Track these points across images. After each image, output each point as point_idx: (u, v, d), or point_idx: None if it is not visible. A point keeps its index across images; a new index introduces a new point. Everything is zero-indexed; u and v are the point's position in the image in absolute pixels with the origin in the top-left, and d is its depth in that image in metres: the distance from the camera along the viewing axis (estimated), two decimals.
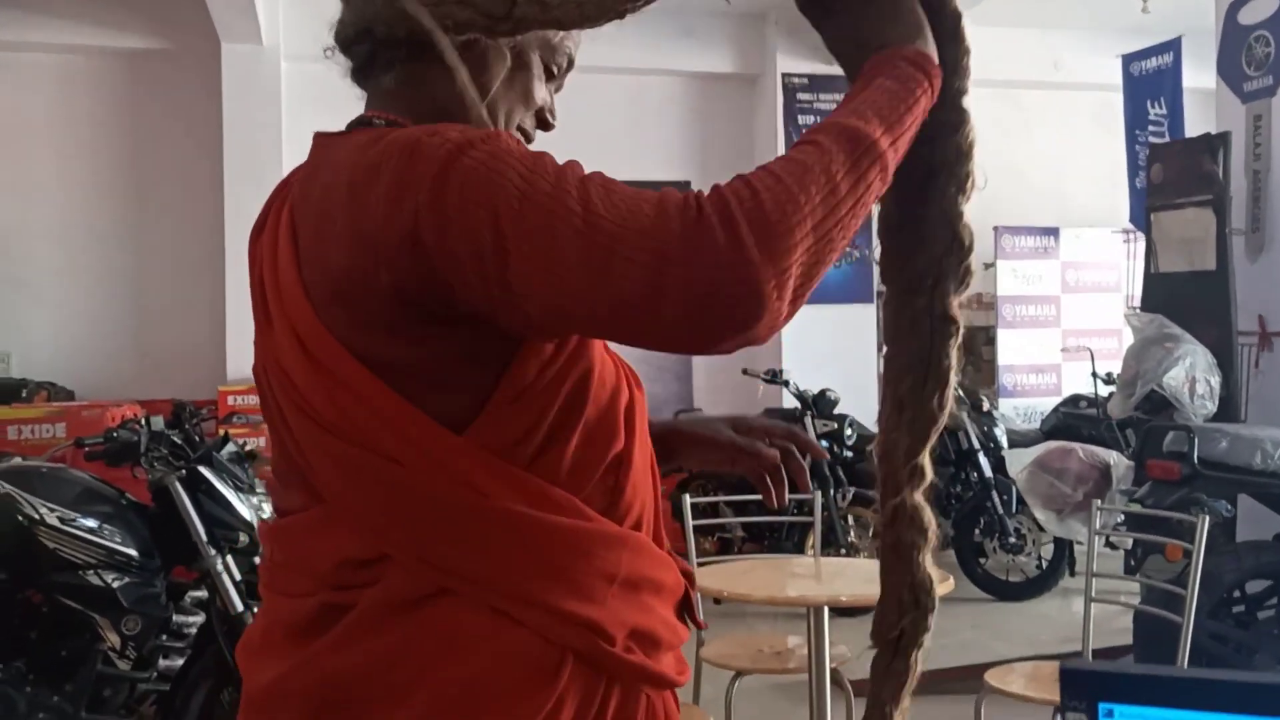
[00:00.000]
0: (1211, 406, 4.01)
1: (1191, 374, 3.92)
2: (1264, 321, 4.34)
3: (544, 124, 1.19)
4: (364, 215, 0.97)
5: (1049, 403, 7.91)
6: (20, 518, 3.04)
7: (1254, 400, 4.29)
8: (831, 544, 5.96)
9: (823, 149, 0.92)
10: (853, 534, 6.12)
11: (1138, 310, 4.50)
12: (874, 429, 5.11)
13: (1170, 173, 4.44)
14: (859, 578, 3.15)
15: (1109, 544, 3.56)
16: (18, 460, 3.61)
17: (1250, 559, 3.54)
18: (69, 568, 3.07)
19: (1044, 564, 6.15)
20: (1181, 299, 4.29)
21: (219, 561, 3.23)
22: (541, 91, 1.17)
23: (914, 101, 0.98)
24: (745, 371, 6.67)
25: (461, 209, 0.92)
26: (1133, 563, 3.71)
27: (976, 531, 6.32)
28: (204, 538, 3.23)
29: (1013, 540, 6.18)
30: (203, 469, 3.28)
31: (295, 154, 6.79)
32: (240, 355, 6.98)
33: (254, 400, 6.71)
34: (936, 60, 1.01)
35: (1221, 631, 3.41)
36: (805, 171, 0.90)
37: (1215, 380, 4.02)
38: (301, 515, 1.09)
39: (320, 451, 1.04)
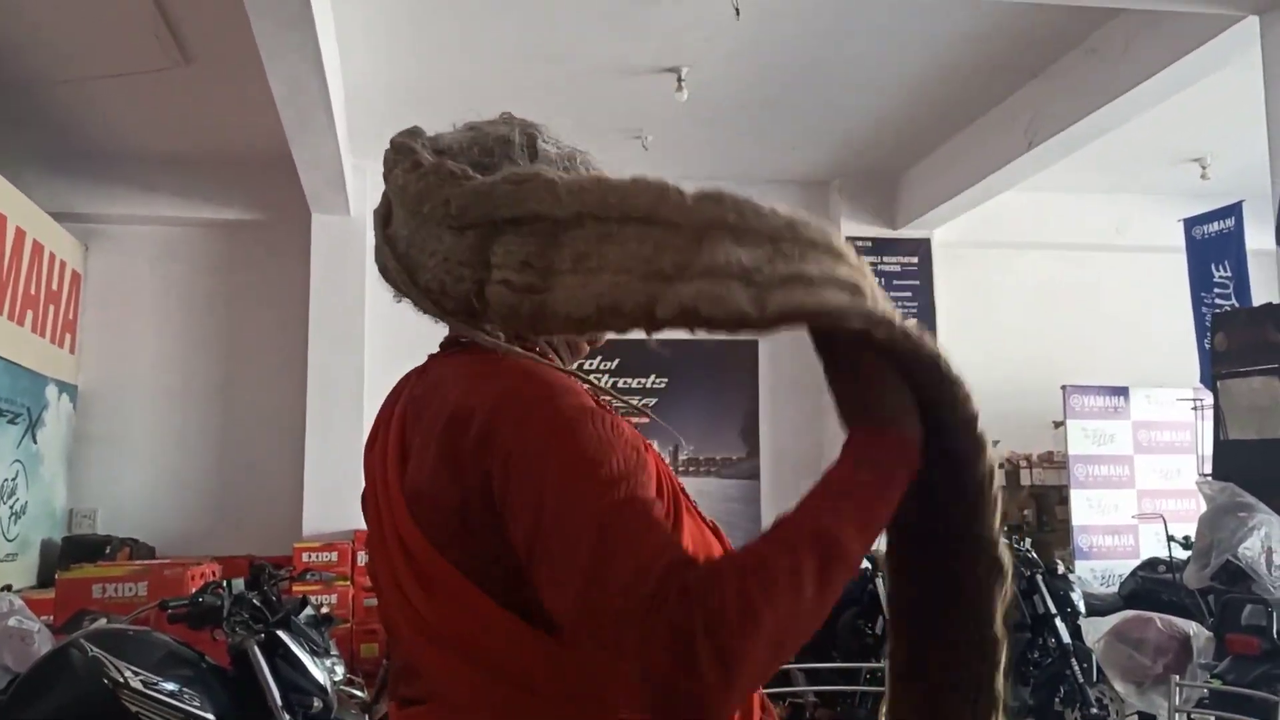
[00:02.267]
0: None
1: (1268, 544, 3.86)
2: None
3: None
4: (455, 451, 1.08)
5: (1126, 565, 7.72)
6: (106, 680, 3.13)
7: None
8: None
9: (797, 561, 0.93)
10: None
11: (1209, 478, 4.45)
12: None
13: (1234, 341, 4.46)
14: None
15: None
16: (103, 622, 3.72)
17: None
18: None
19: None
20: (1254, 466, 4.25)
21: None
22: None
23: (892, 495, 1.04)
24: None
25: (519, 486, 1.03)
26: None
27: (1056, 701, 6.11)
28: (279, 703, 3.29)
29: (1094, 711, 5.95)
30: (281, 633, 3.37)
31: (377, 319, 7.07)
32: (315, 514, 7.13)
33: (328, 557, 6.82)
34: (916, 440, 1.07)
35: None
36: (774, 588, 0.91)
37: None
38: (424, 710, 1.15)
39: (440, 669, 1.12)
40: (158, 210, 7.53)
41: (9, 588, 5.94)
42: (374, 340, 7.22)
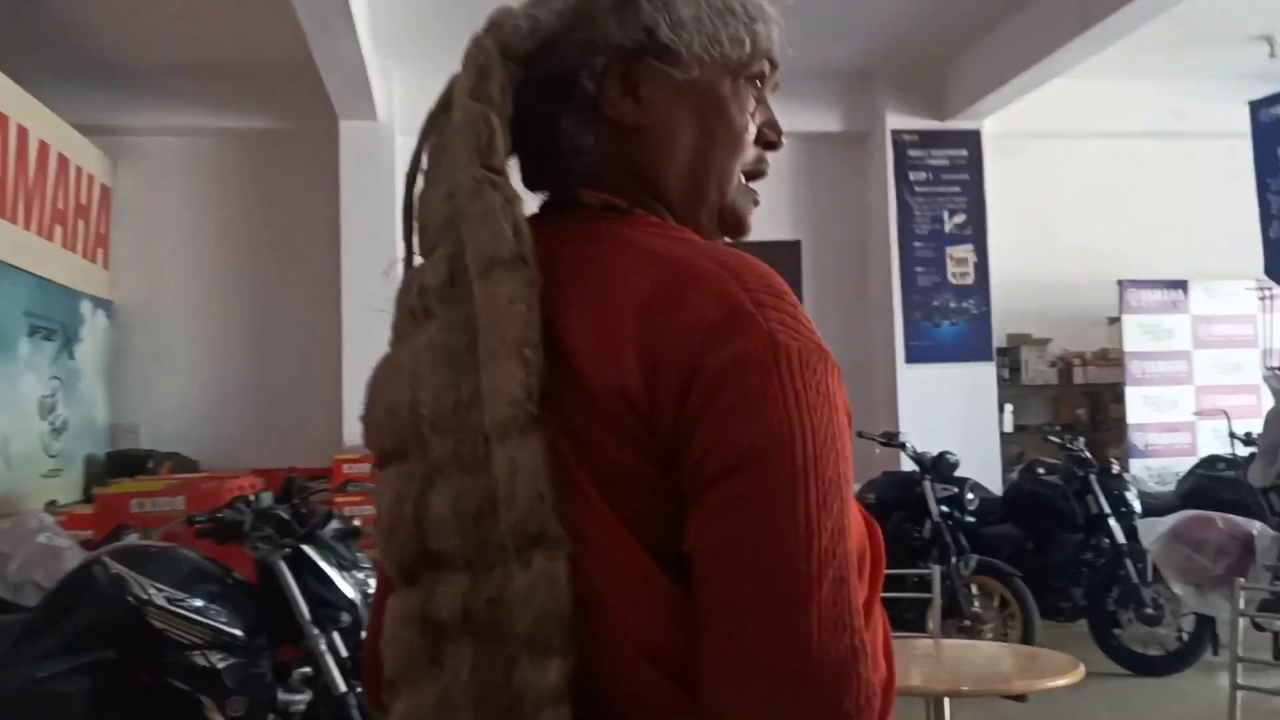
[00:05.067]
0: None
1: None
2: None
3: (771, 145, 1.09)
4: (658, 336, 0.86)
5: (1183, 463, 7.51)
6: (130, 598, 3.07)
7: None
8: (955, 614, 5.71)
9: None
10: (977, 604, 5.86)
11: (1277, 371, 4.22)
12: (997, 492, 4.98)
13: None
14: (982, 661, 2.97)
15: (1255, 625, 3.30)
16: (131, 539, 3.67)
17: None
18: (176, 648, 3.08)
19: (1185, 636, 5.77)
20: None
21: (322, 641, 3.22)
22: (749, 118, 1.05)
23: None
24: (860, 434, 6.49)
25: (739, 432, 0.83)
26: None
27: (1110, 601, 5.98)
28: (308, 617, 3.22)
29: (1150, 611, 5.82)
30: (306, 548, 3.29)
31: None
32: (355, 425, 6.98)
33: (368, 468, 6.76)
34: None
35: None
36: None
37: None
38: None
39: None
40: (184, 121, 7.39)
41: (54, 503, 5.98)
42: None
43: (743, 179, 1.06)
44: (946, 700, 2.56)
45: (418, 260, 1.03)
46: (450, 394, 0.89)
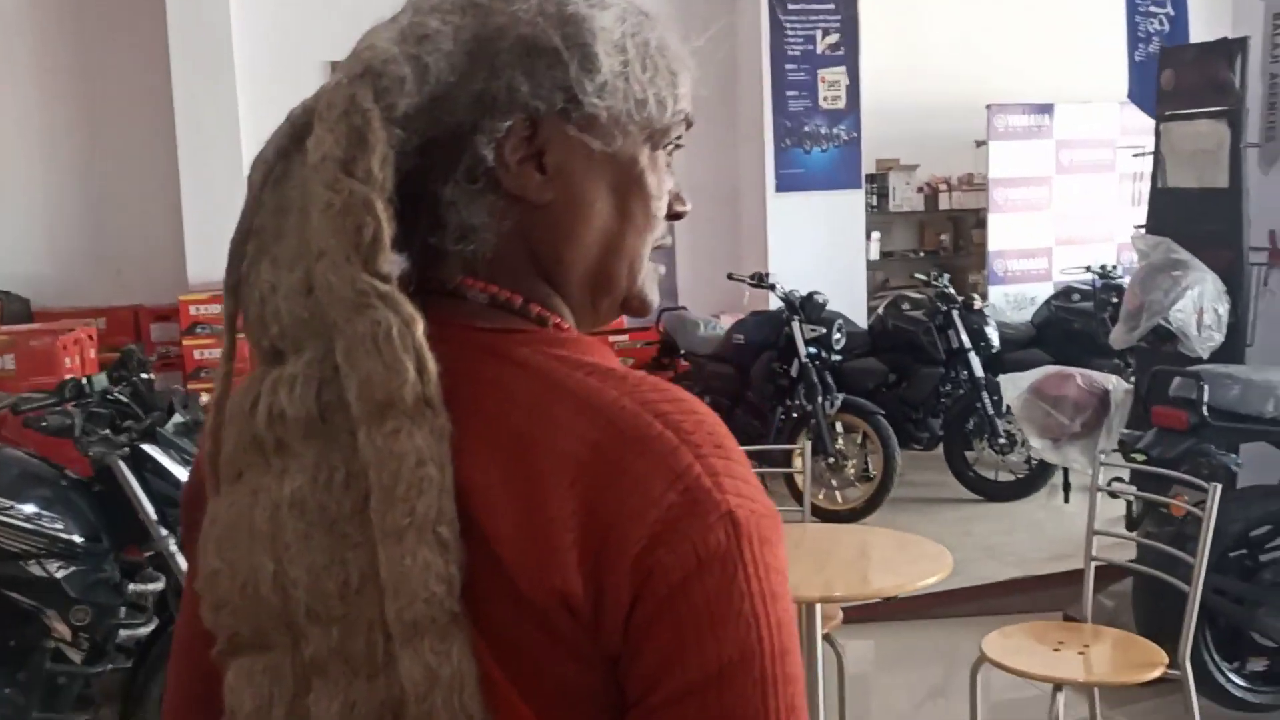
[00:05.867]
0: (1219, 337, 3.80)
1: (1199, 304, 3.70)
2: (1275, 238, 4.10)
3: (677, 216, 0.90)
4: (601, 523, 0.71)
5: (1039, 288, 7.71)
6: None
7: (1262, 320, 4.08)
8: (820, 452, 5.82)
9: None
10: (841, 441, 5.98)
11: (1143, 230, 4.24)
12: (862, 321, 5.03)
13: (1182, 80, 4.11)
14: (851, 554, 2.97)
15: (1110, 494, 3.40)
16: None
17: (1257, 507, 3.38)
18: (8, 559, 2.88)
19: (1034, 463, 6.05)
20: (1190, 217, 4.03)
21: (172, 542, 3.05)
22: (665, 191, 0.87)
23: None
24: (731, 276, 6.42)
25: (694, 635, 0.70)
26: (1134, 514, 3.56)
27: (966, 431, 6.22)
28: (154, 518, 3.03)
29: (1002, 441, 6.08)
30: (147, 447, 3.06)
31: (244, 41, 6.31)
32: (201, 260, 6.66)
33: (216, 309, 6.43)
34: None
35: (1224, 585, 3.28)
36: None
37: (1224, 309, 3.79)
38: None
39: None
40: None
41: None
42: (245, 62, 6.53)
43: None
44: (818, 606, 2.56)
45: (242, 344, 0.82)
46: (334, 574, 0.71)
